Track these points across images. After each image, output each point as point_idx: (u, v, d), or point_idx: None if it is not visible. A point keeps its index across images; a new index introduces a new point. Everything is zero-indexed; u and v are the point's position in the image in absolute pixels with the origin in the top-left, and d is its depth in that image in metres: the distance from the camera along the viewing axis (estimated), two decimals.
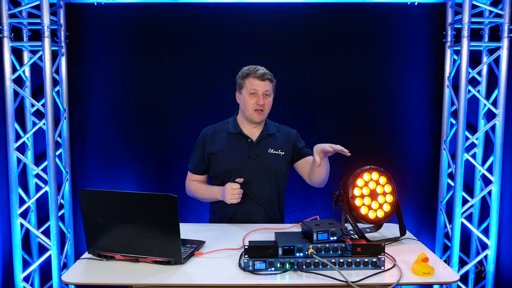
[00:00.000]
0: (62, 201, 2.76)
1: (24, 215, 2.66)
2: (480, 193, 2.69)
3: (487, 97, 2.71)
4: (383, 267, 1.42)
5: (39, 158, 2.80)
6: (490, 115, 2.70)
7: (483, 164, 2.75)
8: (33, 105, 2.73)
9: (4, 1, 2.47)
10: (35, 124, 2.70)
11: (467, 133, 2.67)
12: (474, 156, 2.77)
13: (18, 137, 2.63)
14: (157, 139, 2.80)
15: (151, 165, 2.81)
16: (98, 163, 2.82)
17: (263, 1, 2.68)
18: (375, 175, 1.70)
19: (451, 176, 2.73)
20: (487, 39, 2.63)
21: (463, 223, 2.60)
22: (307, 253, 1.42)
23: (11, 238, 2.62)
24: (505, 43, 2.52)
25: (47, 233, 2.61)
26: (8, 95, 2.56)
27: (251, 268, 1.39)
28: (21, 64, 2.69)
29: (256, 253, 1.40)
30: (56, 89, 2.66)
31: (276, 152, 2.03)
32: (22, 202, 2.65)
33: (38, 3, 2.44)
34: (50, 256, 2.57)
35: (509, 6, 2.47)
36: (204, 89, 2.76)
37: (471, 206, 2.73)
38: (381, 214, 1.69)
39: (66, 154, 2.76)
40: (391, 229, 1.86)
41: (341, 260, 1.41)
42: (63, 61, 2.68)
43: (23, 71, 2.66)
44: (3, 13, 2.48)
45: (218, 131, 2.07)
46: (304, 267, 1.40)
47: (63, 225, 2.76)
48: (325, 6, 2.69)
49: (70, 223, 2.79)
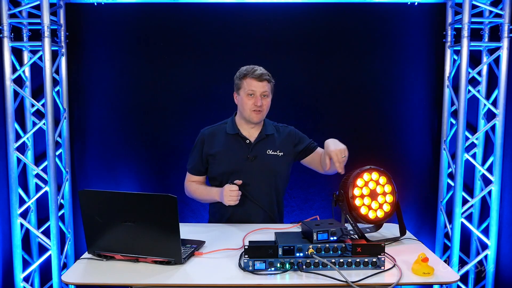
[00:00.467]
0: (62, 201, 2.76)
1: (24, 215, 2.66)
2: (480, 193, 2.69)
3: (487, 97, 2.71)
4: (383, 267, 1.41)
5: (39, 158, 2.80)
6: (490, 115, 2.70)
7: (483, 164, 2.75)
8: (33, 105, 2.73)
9: (4, 1, 2.47)
10: (35, 124, 2.70)
11: (467, 133, 2.67)
12: (474, 156, 2.77)
13: (18, 137, 2.63)
14: (157, 139, 2.80)
15: (151, 165, 2.81)
16: (98, 163, 2.82)
17: (263, 1, 2.68)
18: (375, 175, 1.70)
19: (451, 176, 2.73)
20: (487, 39, 2.63)
21: (463, 223, 2.60)
22: (307, 253, 1.42)
23: (11, 238, 2.62)
24: (505, 43, 2.52)
25: (47, 233, 2.61)
26: (8, 95, 2.56)
27: (251, 268, 1.39)
28: (21, 64, 2.69)
29: (256, 253, 1.40)
30: (56, 89, 2.66)
31: (274, 153, 2.02)
32: (22, 202, 2.65)
33: (38, 3, 2.44)
34: (50, 256, 2.57)
35: (509, 6, 2.47)
36: (204, 89, 2.76)
37: (471, 206, 2.73)
38: (381, 214, 1.69)
39: (66, 154, 2.76)
40: (391, 229, 1.86)
41: (341, 260, 1.41)
42: (63, 61, 2.68)
43: (23, 71, 2.66)
44: (3, 13, 2.48)
45: (216, 132, 2.06)
46: (304, 267, 1.40)
47: (63, 225, 2.76)
48: (325, 6, 2.69)
49: (70, 223, 2.79)
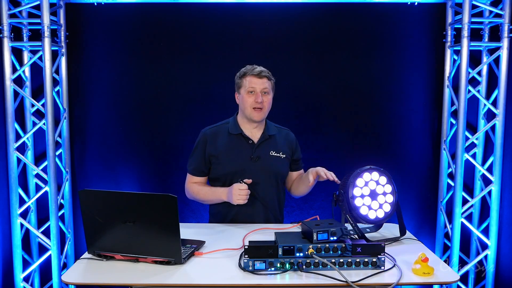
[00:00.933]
0: (62, 201, 2.76)
1: (24, 215, 2.66)
2: (480, 193, 2.69)
3: (487, 97, 2.71)
4: (383, 267, 1.42)
5: (39, 158, 2.80)
6: (490, 115, 2.70)
7: (483, 164, 2.75)
8: (33, 105, 2.73)
9: (4, 1, 2.47)
10: (35, 124, 2.70)
11: (467, 133, 2.67)
12: (474, 156, 2.77)
13: (18, 137, 2.63)
14: (157, 139, 2.80)
15: (151, 165, 2.81)
16: (98, 163, 2.81)
17: (262, 1, 2.68)
18: (375, 175, 1.70)
19: (451, 176, 2.73)
20: (487, 39, 2.63)
21: (463, 223, 2.60)
22: (307, 253, 1.42)
23: (11, 238, 2.62)
24: (505, 43, 2.52)
25: (47, 233, 2.61)
26: (8, 95, 2.56)
27: (251, 268, 1.39)
28: (21, 64, 2.69)
29: (256, 253, 1.40)
30: (56, 89, 2.66)
31: (277, 154, 2.02)
32: (22, 202, 2.65)
33: (38, 3, 2.44)
34: (50, 256, 2.57)
35: (509, 6, 2.47)
36: (204, 89, 2.76)
37: (471, 206, 2.73)
38: (381, 214, 1.69)
39: (66, 154, 2.76)
40: (391, 229, 1.86)
41: (341, 260, 1.41)
42: (63, 61, 2.68)
43: (23, 71, 2.66)
44: (3, 13, 2.48)
45: (218, 132, 2.04)
46: (304, 267, 1.40)
47: (63, 225, 2.76)
48: (325, 6, 2.69)
49: (70, 223, 2.79)
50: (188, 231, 1.80)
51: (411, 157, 2.82)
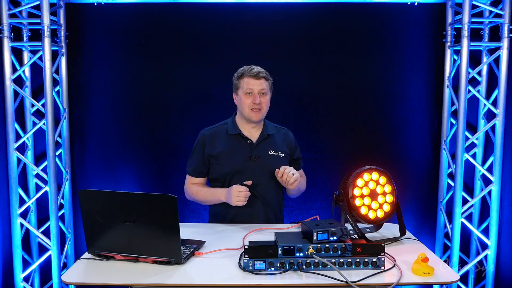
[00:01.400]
0: (62, 201, 2.76)
1: (24, 215, 2.66)
2: (480, 193, 2.69)
3: (487, 97, 2.71)
4: (383, 267, 1.42)
5: (39, 158, 2.80)
6: (490, 115, 2.70)
7: (483, 164, 2.75)
8: (33, 105, 2.73)
9: (4, 1, 2.47)
10: (35, 124, 2.70)
11: (467, 133, 2.67)
12: (474, 156, 2.77)
13: (18, 137, 2.63)
14: (157, 139, 2.80)
15: (151, 165, 2.81)
16: (98, 163, 2.81)
17: (262, 1, 2.68)
18: (375, 175, 1.70)
19: (451, 176, 2.73)
20: (487, 39, 2.63)
21: (463, 223, 2.60)
22: (307, 253, 1.42)
23: (11, 238, 2.62)
24: (505, 43, 2.52)
25: (47, 233, 2.61)
26: (8, 95, 2.56)
27: (251, 268, 1.39)
28: (21, 64, 2.69)
29: (256, 253, 1.40)
30: (56, 89, 2.66)
31: (276, 153, 2.03)
32: (22, 202, 2.65)
33: (38, 3, 2.44)
34: (50, 256, 2.57)
35: (509, 6, 2.47)
36: (204, 89, 2.76)
37: (471, 206, 2.73)
38: (381, 214, 1.69)
39: (66, 154, 2.76)
40: (391, 229, 1.86)
41: (341, 260, 1.41)
42: (63, 61, 2.68)
43: (23, 71, 2.66)
44: (3, 13, 2.48)
45: (217, 133, 2.05)
46: (304, 267, 1.40)
47: (63, 225, 2.76)
48: (325, 6, 2.69)
49: (70, 223, 2.79)
50: (188, 231, 1.80)
51: (411, 157, 2.82)
